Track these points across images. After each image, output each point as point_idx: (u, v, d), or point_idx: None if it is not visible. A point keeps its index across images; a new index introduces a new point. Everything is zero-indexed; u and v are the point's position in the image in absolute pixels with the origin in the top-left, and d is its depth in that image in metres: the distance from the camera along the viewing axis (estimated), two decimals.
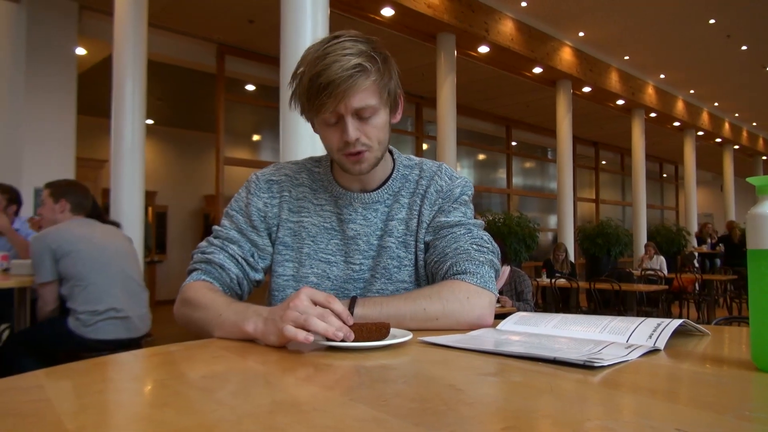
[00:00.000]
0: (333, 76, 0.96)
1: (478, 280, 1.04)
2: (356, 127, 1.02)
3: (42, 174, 5.08)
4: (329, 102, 0.97)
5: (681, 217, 16.95)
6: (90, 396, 0.62)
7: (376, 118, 1.04)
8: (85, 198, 2.98)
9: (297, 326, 0.80)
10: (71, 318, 2.69)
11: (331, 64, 0.96)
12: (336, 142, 1.04)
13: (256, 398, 0.59)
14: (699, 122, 13.34)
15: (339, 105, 0.98)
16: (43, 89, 5.97)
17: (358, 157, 1.05)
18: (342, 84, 0.96)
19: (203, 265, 1.11)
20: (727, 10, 7.98)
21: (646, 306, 7.07)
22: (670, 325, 0.84)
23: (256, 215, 1.14)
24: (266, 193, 1.16)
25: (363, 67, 0.98)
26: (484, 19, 7.50)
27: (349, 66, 0.96)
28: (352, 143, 1.02)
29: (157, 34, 6.58)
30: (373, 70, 1.00)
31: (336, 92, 0.96)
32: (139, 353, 0.89)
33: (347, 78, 0.96)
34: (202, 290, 1.05)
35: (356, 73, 0.97)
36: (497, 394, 0.62)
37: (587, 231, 10.70)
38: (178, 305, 1.09)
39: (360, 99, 1.00)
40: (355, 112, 1.01)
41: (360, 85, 0.98)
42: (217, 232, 1.16)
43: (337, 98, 0.97)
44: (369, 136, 1.04)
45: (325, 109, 0.99)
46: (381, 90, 1.03)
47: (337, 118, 1.02)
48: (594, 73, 9.77)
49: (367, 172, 1.09)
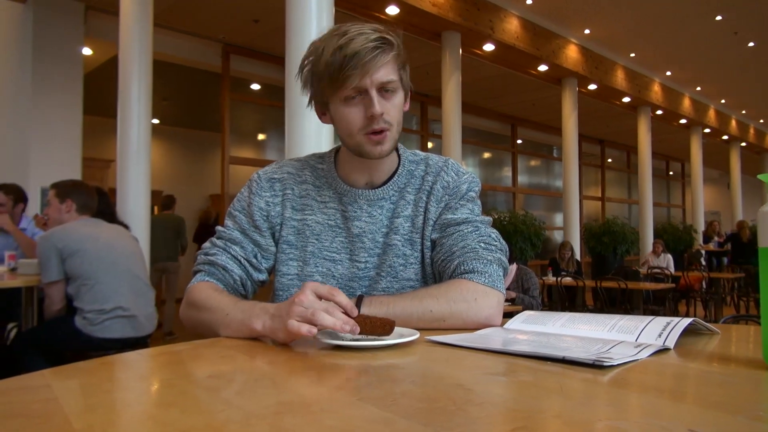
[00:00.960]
0: (358, 47, 0.96)
1: (486, 279, 1.03)
2: (381, 103, 1.01)
3: (48, 174, 5.11)
4: (355, 74, 0.97)
5: (688, 215, 16.88)
6: (97, 396, 0.62)
7: (396, 97, 1.05)
8: (90, 198, 2.99)
9: (304, 321, 0.80)
10: (78, 317, 2.70)
11: (355, 37, 0.97)
12: (359, 120, 1.02)
13: (264, 398, 0.59)
14: (706, 119, 13.26)
15: (365, 77, 0.98)
16: (49, 89, 5.99)
17: (380, 137, 1.03)
18: (368, 55, 0.96)
19: (207, 266, 1.11)
20: (734, 7, 7.92)
21: (652, 304, 7.04)
22: (680, 323, 0.83)
23: (258, 215, 1.13)
24: (268, 191, 1.14)
25: (386, 40, 1.00)
26: (489, 17, 7.48)
27: (374, 38, 0.98)
28: (377, 118, 1.01)
29: (163, 34, 6.59)
30: (396, 46, 1.01)
31: (362, 63, 0.96)
32: (146, 352, 0.89)
33: (373, 49, 0.97)
34: (206, 291, 1.05)
35: (381, 45, 0.98)
36: (506, 394, 0.61)
37: (593, 229, 10.65)
38: (184, 308, 1.09)
39: (385, 72, 1.00)
40: (379, 86, 1.01)
41: (384, 58, 0.99)
42: (220, 233, 1.15)
43: (364, 70, 0.97)
44: (390, 114, 1.03)
45: (351, 82, 0.98)
46: (400, 69, 1.04)
47: (358, 93, 1.01)
48: (600, 71, 9.72)
49: (387, 154, 1.07)
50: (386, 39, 0.99)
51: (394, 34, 1.02)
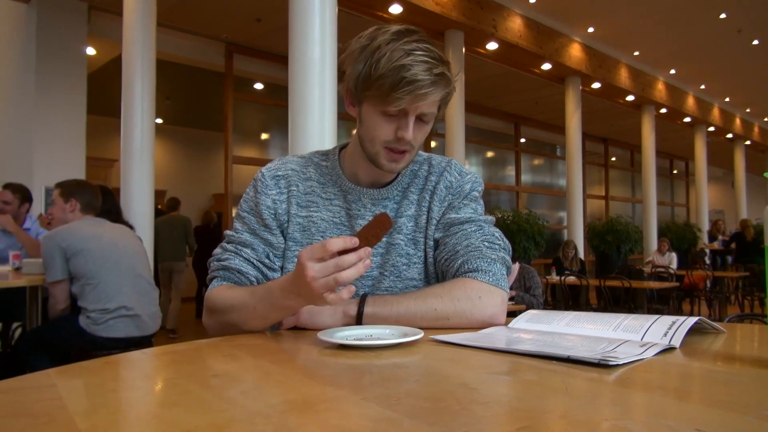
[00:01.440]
0: (420, 75, 0.95)
1: (490, 278, 1.03)
2: (414, 129, 1.02)
3: (52, 173, 5.13)
4: (406, 98, 0.96)
5: (692, 214, 16.82)
6: (102, 395, 0.62)
7: (427, 126, 1.06)
8: (94, 197, 3.00)
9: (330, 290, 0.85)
10: (82, 316, 2.71)
11: (420, 63, 0.95)
12: (387, 134, 1.03)
13: (268, 397, 0.59)
14: (710, 118, 13.21)
15: (412, 105, 0.98)
16: (53, 89, 6.01)
17: (400, 156, 1.05)
18: (425, 87, 0.96)
19: (221, 272, 1.11)
20: (738, 5, 7.89)
21: (656, 303, 7.03)
22: (686, 322, 0.83)
23: (266, 213, 1.12)
24: (274, 189, 1.13)
25: (446, 77, 0.99)
26: (492, 16, 7.46)
27: (437, 72, 0.97)
28: (405, 141, 1.02)
29: (166, 33, 6.60)
30: (451, 84, 1.02)
31: (417, 93, 0.96)
32: (150, 352, 0.89)
33: (431, 83, 0.96)
34: (222, 293, 1.06)
35: (439, 81, 0.98)
36: (511, 393, 0.61)
37: (597, 228, 10.63)
38: (206, 316, 1.09)
39: (429, 105, 1.01)
40: (420, 115, 1.02)
41: (437, 94, 0.99)
42: (229, 237, 1.14)
43: (415, 99, 0.97)
44: (416, 139, 1.04)
45: (398, 104, 0.97)
46: (443, 104, 1.05)
47: (398, 112, 1.01)
48: (603, 69, 9.69)
49: (399, 171, 1.10)
50: (446, 77, 0.99)
51: (450, 68, 1.02)
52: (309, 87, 3.64)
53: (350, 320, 0.98)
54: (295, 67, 3.71)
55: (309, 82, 3.64)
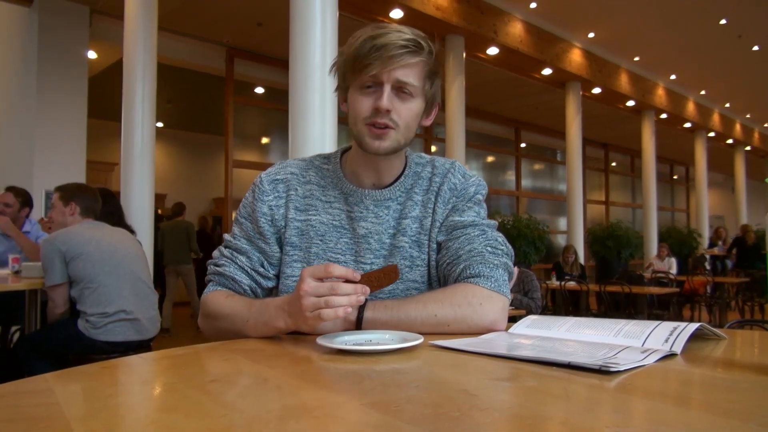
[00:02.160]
0: (388, 41, 0.98)
1: (492, 284, 1.03)
2: (391, 100, 1.02)
3: (53, 177, 5.12)
4: (376, 63, 0.98)
5: (692, 219, 16.81)
6: (99, 400, 0.62)
7: (411, 102, 1.04)
8: (94, 201, 3.00)
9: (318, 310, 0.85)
10: (81, 320, 2.70)
11: (391, 32, 0.99)
12: (365, 109, 1.03)
13: (267, 403, 0.58)
14: (710, 123, 13.22)
15: (384, 70, 0.99)
16: (54, 92, 6.01)
17: (381, 132, 1.03)
18: (394, 50, 0.98)
19: (216, 277, 1.13)
20: (738, 11, 7.91)
21: (657, 309, 7.01)
22: (687, 329, 0.82)
23: (262, 221, 1.12)
24: (271, 194, 1.13)
25: (418, 44, 1.01)
26: (493, 21, 7.48)
27: (407, 38, 1.00)
28: (382, 112, 1.01)
29: (167, 37, 6.61)
30: (425, 53, 1.02)
31: (386, 56, 0.98)
32: (148, 356, 0.89)
33: (400, 47, 0.98)
34: (219, 300, 1.07)
35: (411, 47, 1.00)
36: (512, 400, 0.60)
37: (597, 233, 10.62)
38: (202, 320, 1.11)
39: (405, 73, 1.01)
40: (396, 84, 1.02)
41: (409, 59, 1.00)
42: (227, 242, 1.15)
43: (385, 63, 0.98)
44: (399, 115, 1.03)
45: (370, 70, 0.99)
46: (424, 78, 1.04)
47: (374, 84, 1.02)
48: (603, 75, 9.71)
49: (384, 152, 1.06)
50: (419, 43, 1.01)
51: (431, 45, 1.04)
52: (310, 91, 3.64)
53: (350, 325, 0.97)
54: (295, 72, 3.71)
55: (310, 87, 3.64)
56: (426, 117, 1.11)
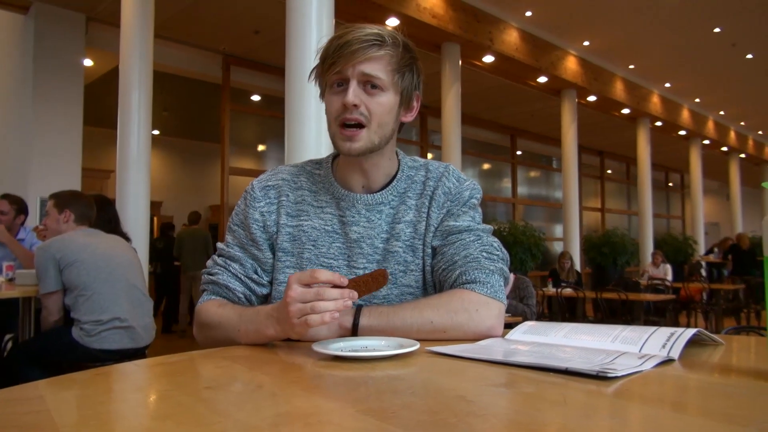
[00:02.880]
0: (351, 37, 0.99)
1: (488, 290, 1.02)
2: (358, 94, 1.01)
3: (48, 184, 5.11)
4: (339, 61, 1.00)
5: (687, 226, 16.87)
6: (91, 407, 0.61)
7: (381, 96, 1.03)
8: (89, 208, 2.98)
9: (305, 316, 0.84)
10: (75, 328, 2.68)
11: (354, 30, 1.01)
12: (335, 107, 1.03)
13: (261, 410, 0.58)
14: (705, 131, 13.29)
15: (347, 66, 1.00)
16: (50, 100, 6.00)
17: (352, 133, 1.02)
18: (355, 45, 0.99)
19: (210, 286, 1.12)
20: (732, 19, 7.97)
21: (653, 316, 7.02)
22: (684, 334, 0.82)
23: (255, 227, 1.11)
24: (262, 201, 1.13)
25: (381, 38, 1.01)
26: (489, 29, 7.51)
27: (369, 33, 1.01)
28: (350, 107, 1.01)
29: (164, 45, 6.62)
30: (390, 45, 1.02)
31: (347, 52, 0.99)
32: (142, 363, 0.88)
33: (362, 41, 0.99)
34: (212, 309, 1.07)
35: (373, 40, 1.00)
36: (509, 406, 0.60)
37: (593, 240, 10.64)
38: (197, 330, 1.11)
39: (370, 67, 1.01)
40: (362, 78, 1.01)
41: (372, 52, 1.00)
42: (220, 250, 1.15)
43: (347, 59, 0.99)
44: (369, 110, 1.02)
45: (335, 67, 1.00)
46: (393, 70, 1.04)
47: (342, 81, 1.02)
48: (599, 82, 9.76)
49: (357, 153, 1.04)
50: (383, 37, 1.01)
51: (400, 38, 1.04)
52: (305, 99, 3.64)
53: (345, 332, 0.97)
54: (292, 79, 3.71)
55: (306, 94, 3.64)
56: (405, 112, 1.10)
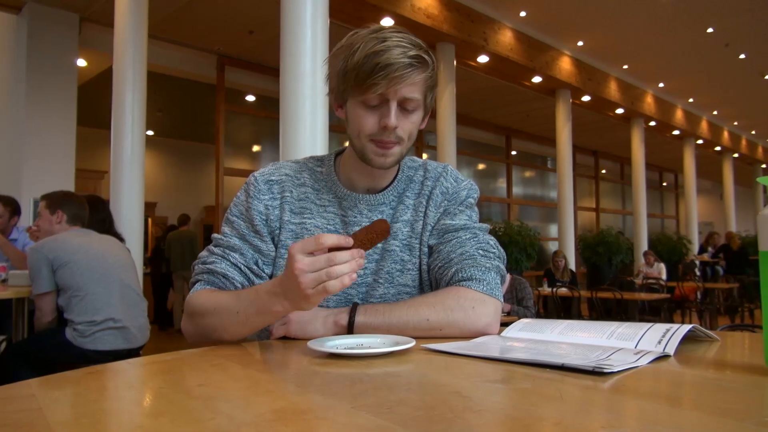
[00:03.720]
0: (393, 59, 0.94)
1: (485, 287, 1.02)
2: (396, 116, 1.00)
3: (41, 185, 5.07)
4: (382, 83, 0.95)
5: (681, 226, 16.94)
6: (83, 405, 0.60)
7: (415, 114, 1.03)
8: (81, 209, 2.97)
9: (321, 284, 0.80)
10: (69, 329, 2.66)
11: (394, 48, 0.95)
12: (370, 126, 1.00)
13: (256, 407, 0.57)
14: (698, 131, 13.35)
15: (390, 89, 0.97)
16: (43, 100, 5.97)
17: (387, 149, 1.02)
18: (401, 69, 0.95)
19: (206, 275, 1.06)
20: (725, 19, 8.01)
21: (648, 315, 7.04)
22: (680, 330, 0.82)
23: (258, 219, 1.09)
24: (266, 194, 1.10)
25: (422, 59, 0.98)
26: (483, 29, 7.52)
27: (411, 55, 0.96)
28: (390, 130, 0.99)
29: (158, 45, 6.60)
30: (430, 67, 1.00)
31: (393, 76, 0.94)
32: (135, 362, 0.87)
33: (406, 65, 0.95)
34: (204, 296, 1.02)
35: (416, 63, 0.97)
36: (505, 401, 0.60)
37: (588, 240, 10.67)
38: (185, 321, 1.05)
39: (410, 90, 0.98)
40: (401, 101, 0.99)
41: (415, 77, 0.97)
42: (217, 240, 1.10)
43: (392, 82, 0.95)
44: (404, 129, 1.02)
45: (375, 90, 0.96)
46: (427, 90, 1.02)
47: (379, 102, 0.99)
48: (593, 82, 9.79)
49: (389, 166, 1.06)
50: (423, 59, 0.98)
51: (430, 53, 1.01)
52: (300, 99, 3.64)
53: (341, 330, 0.96)
54: (286, 79, 3.71)
55: (300, 94, 3.64)
56: (423, 121, 1.09)
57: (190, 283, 1.09)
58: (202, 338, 1.00)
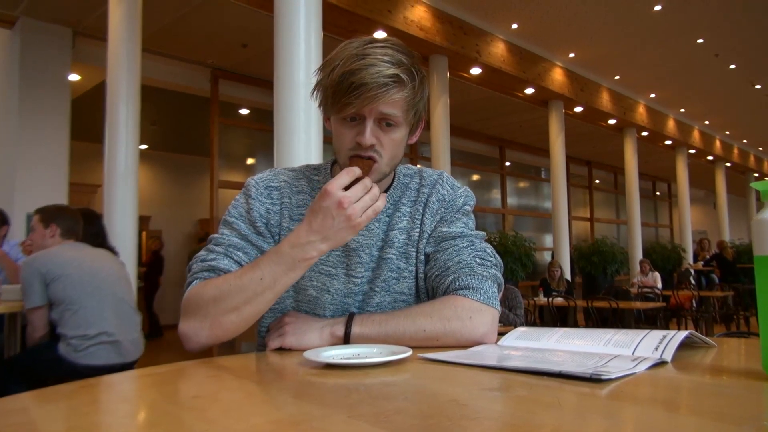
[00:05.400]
0: (367, 79, 0.93)
1: (482, 296, 1.01)
2: (374, 132, 0.98)
3: (34, 199, 5.05)
4: (355, 103, 0.94)
5: (675, 235, 17.00)
6: (77, 418, 0.60)
7: (395, 132, 1.01)
8: (75, 222, 2.95)
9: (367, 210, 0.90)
10: (62, 343, 2.64)
11: (368, 67, 0.93)
12: (348, 142, 1.00)
13: (251, 417, 0.57)
14: (690, 140, 13.45)
15: (364, 108, 0.96)
16: (36, 114, 5.96)
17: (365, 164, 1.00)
18: (374, 90, 0.93)
19: (206, 273, 1.00)
20: (714, 30, 8.10)
21: (644, 324, 7.04)
22: (676, 336, 0.82)
23: (260, 221, 1.07)
24: (267, 199, 1.10)
25: (400, 79, 0.95)
26: (476, 42, 7.58)
27: (387, 74, 0.94)
28: (365, 146, 0.98)
29: (151, 59, 6.60)
30: (408, 86, 0.97)
31: (366, 95, 0.93)
32: (129, 374, 0.86)
33: (381, 85, 0.93)
34: (210, 284, 0.96)
35: (391, 83, 0.94)
36: (502, 409, 0.59)
37: (583, 250, 10.69)
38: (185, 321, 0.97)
39: (388, 107, 0.97)
40: (379, 118, 0.98)
41: (390, 96, 0.95)
42: (217, 239, 1.05)
43: (365, 101, 0.94)
44: (383, 146, 1.00)
45: (349, 109, 0.96)
46: (409, 107, 1.00)
47: (358, 118, 0.99)
48: (585, 93, 9.86)
49: None
50: (400, 78, 0.95)
51: (414, 69, 0.98)
52: (294, 111, 3.64)
53: (337, 340, 0.96)
54: (280, 92, 3.72)
55: (294, 107, 3.65)
56: (412, 136, 1.08)
57: (186, 284, 1.03)
58: (212, 330, 0.95)
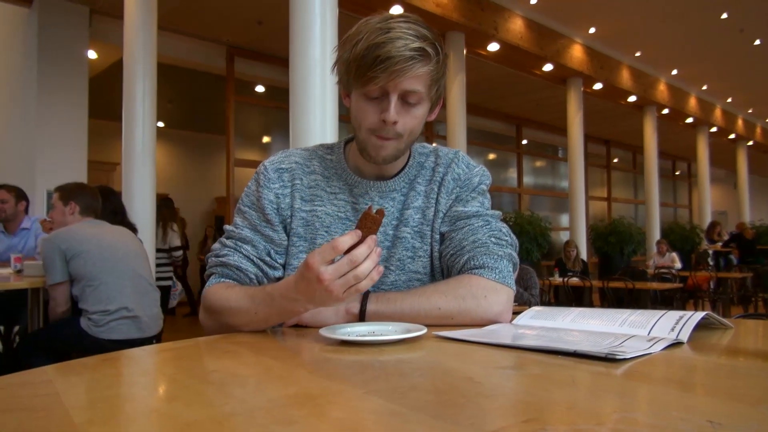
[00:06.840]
0: (394, 52, 0.92)
1: (497, 275, 1.01)
2: (398, 110, 0.98)
3: (54, 177, 5.11)
4: (382, 77, 0.93)
5: (694, 215, 16.78)
6: (99, 390, 0.61)
7: (418, 108, 1.00)
8: (94, 200, 2.99)
9: (352, 287, 0.81)
10: (83, 318, 2.70)
11: (395, 40, 0.93)
12: (371, 119, 1.00)
13: (269, 392, 0.58)
14: (712, 119, 13.18)
15: (390, 82, 0.95)
16: (55, 93, 6.01)
17: (384, 142, 1.01)
18: (400, 63, 0.92)
19: (219, 268, 1.07)
20: (739, 5, 7.88)
21: (660, 305, 7.00)
22: (693, 317, 0.81)
23: (269, 208, 1.09)
24: (277, 182, 1.10)
25: (425, 52, 0.95)
26: (494, 17, 7.46)
27: (413, 47, 0.93)
28: (388, 125, 0.98)
29: (167, 36, 6.60)
30: (433, 60, 0.97)
31: (392, 69, 0.92)
32: (150, 349, 0.88)
33: (408, 59, 0.93)
34: (220, 293, 1.01)
35: (417, 56, 0.94)
36: (517, 387, 0.60)
37: (599, 229, 10.60)
38: (203, 315, 1.06)
39: (412, 83, 0.96)
40: (403, 94, 0.97)
41: (416, 70, 0.94)
42: (229, 232, 1.10)
43: (391, 75, 0.93)
44: (405, 124, 1.00)
45: (375, 83, 0.94)
46: (432, 82, 0.99)
47: (380, 94, 0.98)
48: (605, 70, 9.68)
49: (386, 162, 1.05)
50: (426, 51, 0.95)
51: (438, 44, 0.98)
52: (310, 89, 3.63)
53: (353, 318, 0.97)
54: (296, 69, 3.70)
55: (310, 84, 3.63)
56: (431, 113, 1.07)
57: (205, 276, 1.10)
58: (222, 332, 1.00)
